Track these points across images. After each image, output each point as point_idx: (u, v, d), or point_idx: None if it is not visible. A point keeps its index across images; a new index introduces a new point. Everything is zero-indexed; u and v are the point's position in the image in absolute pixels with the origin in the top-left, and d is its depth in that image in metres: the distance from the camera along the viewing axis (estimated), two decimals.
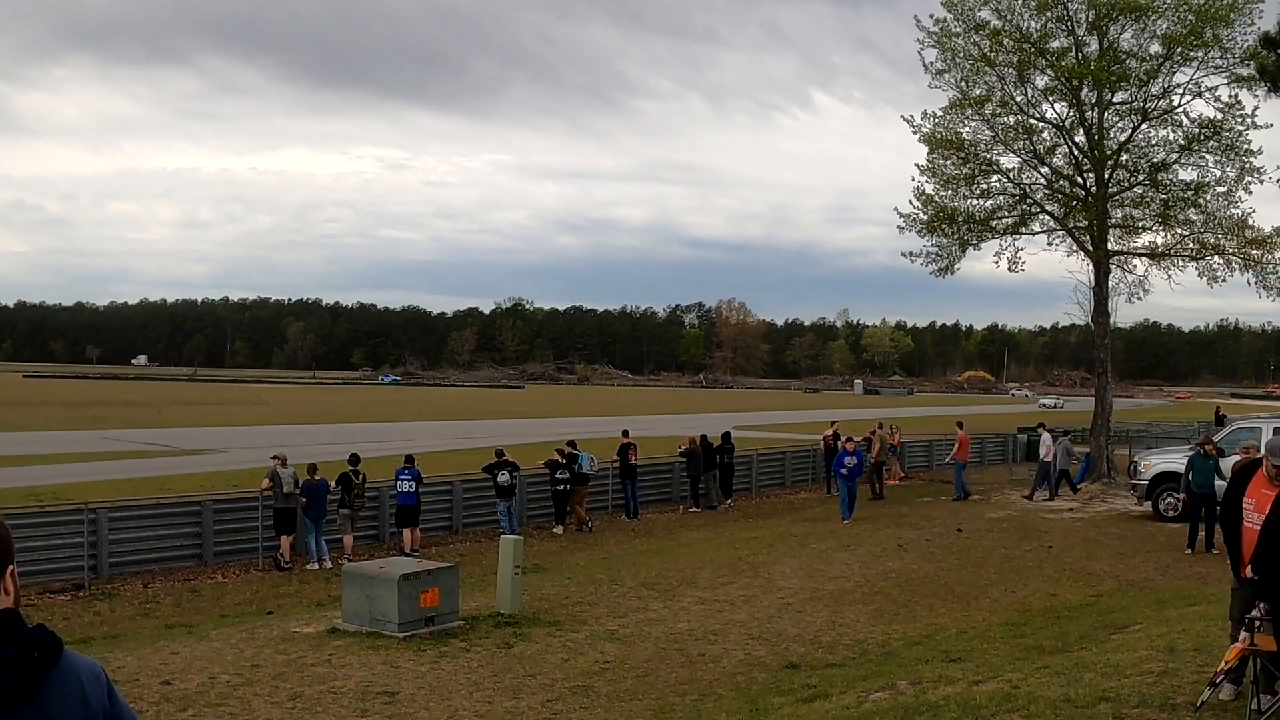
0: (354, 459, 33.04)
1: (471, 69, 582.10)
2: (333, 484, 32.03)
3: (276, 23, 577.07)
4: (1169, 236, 47.77)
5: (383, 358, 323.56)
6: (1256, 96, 43.24)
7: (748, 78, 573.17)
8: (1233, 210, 46.05)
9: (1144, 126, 46.64)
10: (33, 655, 3.71)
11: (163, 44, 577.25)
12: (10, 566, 3.85)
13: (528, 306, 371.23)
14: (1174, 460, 36.93)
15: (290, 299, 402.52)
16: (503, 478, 35.25)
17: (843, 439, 40.78)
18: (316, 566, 30.84)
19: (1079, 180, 47.94)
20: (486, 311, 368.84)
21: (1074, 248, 48.25)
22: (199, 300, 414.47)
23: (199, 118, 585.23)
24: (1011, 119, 47.61)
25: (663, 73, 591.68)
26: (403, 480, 33.28)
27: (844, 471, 37.52)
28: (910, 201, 49.14)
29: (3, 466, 51.06)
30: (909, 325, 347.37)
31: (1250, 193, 45.66)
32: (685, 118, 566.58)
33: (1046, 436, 44.89)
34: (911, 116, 48.20)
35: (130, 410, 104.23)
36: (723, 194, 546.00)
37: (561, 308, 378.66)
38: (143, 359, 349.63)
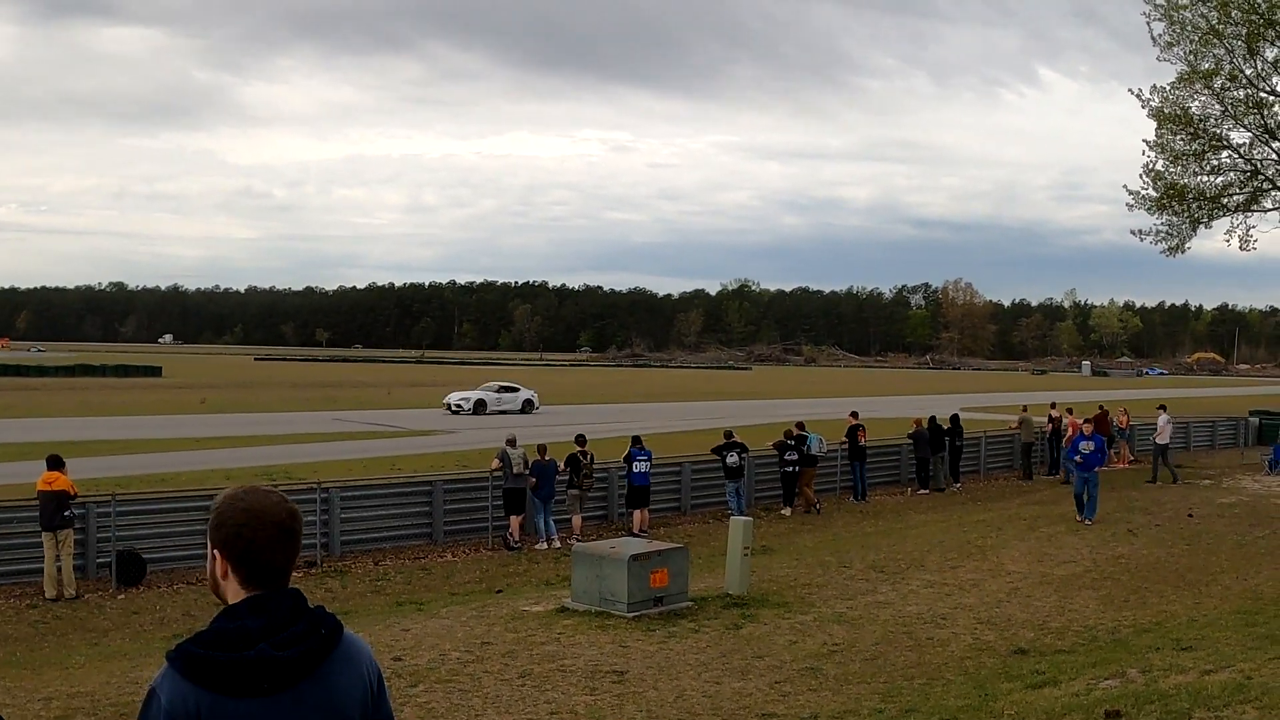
0: (581, 439, 33.32)
1: (694, 50, 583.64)
2: (561, 464, 32.35)
3: (497, 7, 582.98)
4: None
5: (609, 339, 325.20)
6: None
7: (972, 53, 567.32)
8: None
9: None
10: (319, 632, 3.93)
11: (385, 31, 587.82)
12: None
13: (754, 288, 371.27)
14: None
15: (516, 282, 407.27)
16: (731, 459, 35.33)
17: (1077, 419, 39.76)
18: (545, 546, 31.17)
19: None
20: (713, 293, 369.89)
21: None
22: (426, 284, 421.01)
23: (423, 103, 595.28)
24: (1241, 93, 46.52)
25: (886, 50, 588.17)
26: (638, 461, 33.47)
27: (1078, 459, 32.76)
28: (1139, 178, 48.32)
29: (237, 446, 52.34)
30: (1137, 305, 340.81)
31: None
32: (910, 95, 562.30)
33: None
34: (1140, 90, 47.33)
35: (360, 391, 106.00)
36: (948, 172, 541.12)
37: (788, 289, 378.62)
38: (168, 338, 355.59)
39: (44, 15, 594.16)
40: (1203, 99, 46.84)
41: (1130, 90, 47.02)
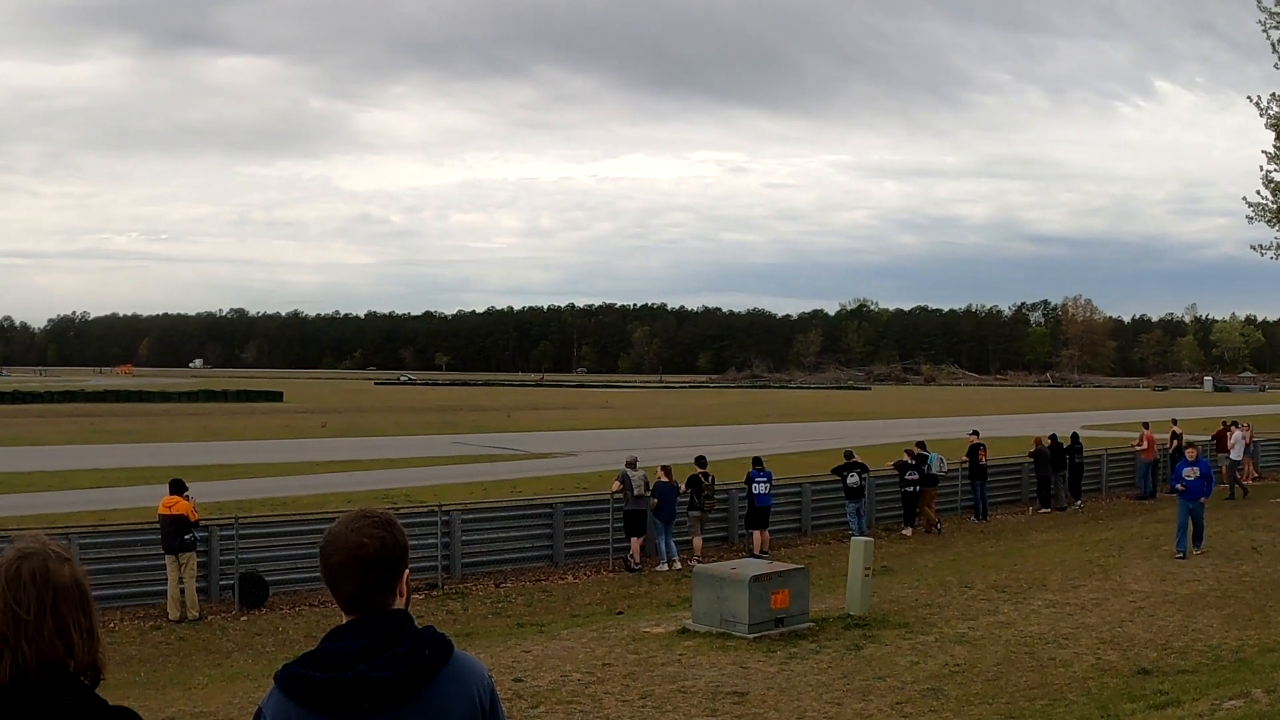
0: (701, 461, 33.40)
1: (806, 69, 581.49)
2: (682, 486, 32.42)
3: (608, 31, 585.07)
4: None
5: (729, 361, 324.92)
6: None
7: (1086, 67, 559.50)
8: None
9: None
10: (424, 653, 3.96)
11: (497, 56, 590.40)
12: (405, 570, 4.12)
13: (872, 307, 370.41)
14: None
15: (634, 304, 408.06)
16: (852, 479, 35.31)
17: (1184, 441, 38.92)
18: (666, 568, 31.26)
19: None
20: (831, 313, 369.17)
21: None
22: (545, 307, 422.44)
23: (536, 128, 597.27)
24: None
25: (999, 65, 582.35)
26: (758, 482, 33.44)
27: (1180, 487, 29.43)
28: (1258, 191, 47.72)
29: (359, 470, 52.82)
30: (1259, 319, 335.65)
31: None
32: (1024, 110, 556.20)
33: None
34: (1259, 98, 46.75)
35: (480, 415, 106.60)
36: (1065, 188, 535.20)
37: (906, 308, 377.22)
38: (198, 362, 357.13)
39: (159, 47, 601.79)
40: None
41: (1249, 98, 46.05)
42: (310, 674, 3.87)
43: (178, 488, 26.51)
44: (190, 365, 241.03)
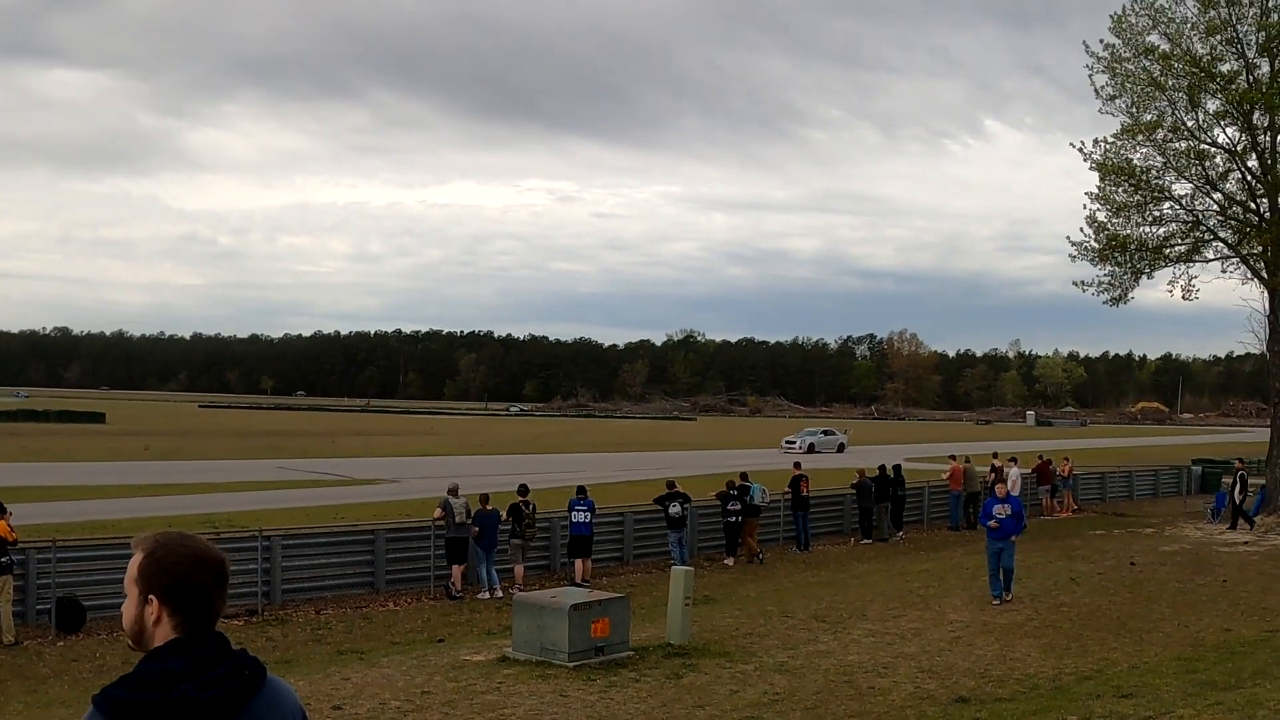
0: (523, 489, 33.31)
1: (640, 100, 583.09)
2: (504, 514, 32.31)
3: (444, 56, 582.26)
4: None
5: (555, 389, 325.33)
6: None
7: (918, 105, 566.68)
8: None
9: None
10: (244, 673, 3.94)
11: (331, 78, 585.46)
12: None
13: (699, 338, 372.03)
14: None
15: (462, 331, 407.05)
16: (674, 509, 35.34)
17: (993, 474, 39.18)
18: (487, 595, 31.12)
19: (1253, 206, 47.25)
20: (658, 343, 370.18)
21: (1249, 275, 47.58)
22: (372, 332, 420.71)
23: (368, 151, 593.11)
24: (1183, 144, 47.03)
25: (833, 101, 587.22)
26: (578, 510, 33.44)
27: (993, 524, 27.85)
28: (1081, 229, 48.75)
29: (180, 494, 52.17)
30: (1081, 355, 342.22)
31: None
32: (856, 146, 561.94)
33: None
34: (1082, 144, 47.82)
35: (304, 440, 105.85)
36: (894, 223, 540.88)
37: (733, 339, 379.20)
38: (23, 393, 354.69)
39: None
40: (1145, 150, 47.38)
41: (1073, 144, 47.24)
42: (134, 696, 3.81)
43: None
44: (17, 396, 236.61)
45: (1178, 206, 48.15)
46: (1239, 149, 46.65)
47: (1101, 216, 48.30)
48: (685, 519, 35.80)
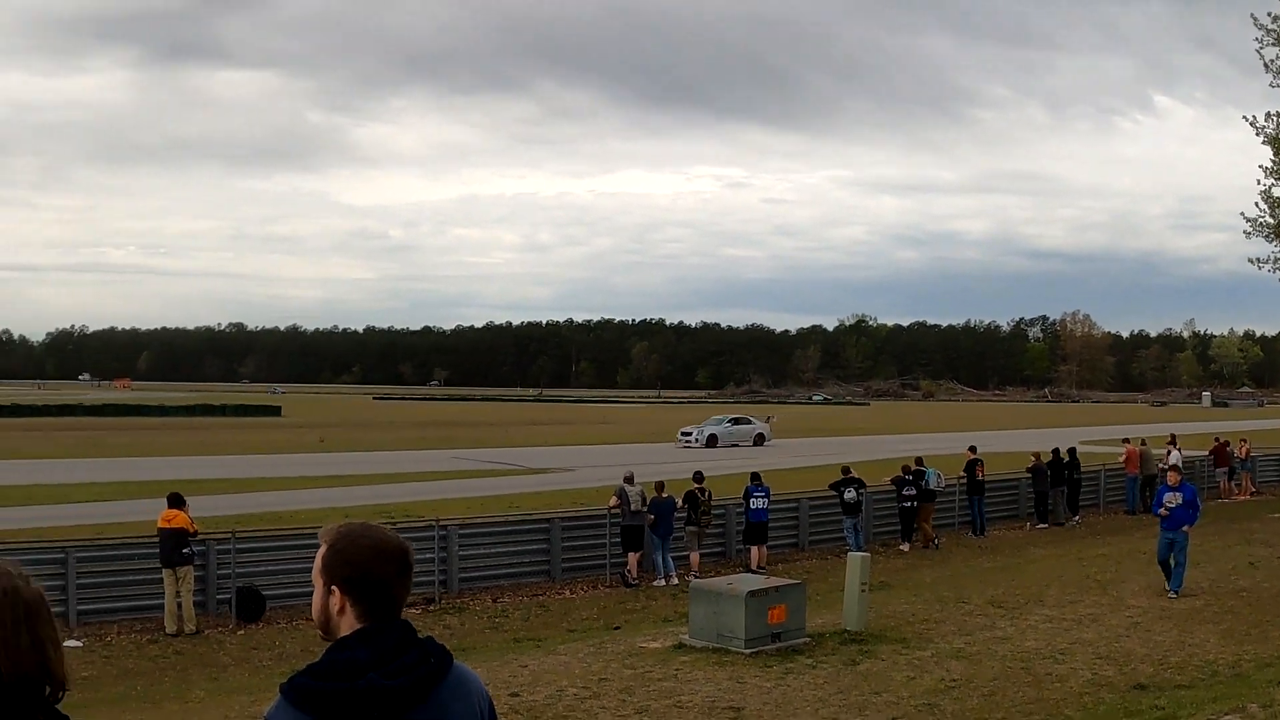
0: (699, 476, 33.44)
1: (806, 85, 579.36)
2: (679, 501, 32.43)
3: (608, 45, 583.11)
4: None
5: (727, 376, 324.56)
6: None
7: (1086, 82, 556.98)
8: None
9: None
10: (429, 661, 4.01)
11: (496, 71, 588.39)
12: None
13: (870, 323, 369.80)
14: None
15: (633, 319, 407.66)
16: (849, 494, 35.31)
17: (1168, 460, 38.17)
18: (663, 583, 31.25)
19: None
20: (830, 328, 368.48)
21: None
22: (543, 322, 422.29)
23: (535, 142, 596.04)
24: None
25: (999, 80, 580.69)
26: (756, 497, 33.55)
27: (1163, 512, 26.18)
28: (1256, 205, 47.79)
29: (355, 485, 52.82)
30: (1258, 334, 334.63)
31: None
32: (1023, 126, 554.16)
33: None
34: (1254, 117, 46.79)
35: (478, 430, 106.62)
36: (1063, 203, 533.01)
37: (904, 323, 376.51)
38: (85, 376, 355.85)
39: (158, 60, 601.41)
40: None
41: (1245, 118, 46.00)
42: (322, 685, 3.88)
43: (176, 501, 26.48)
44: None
45: None
46: None
47: (1277, 192, 47.38)
48: (860, 504, 35.77)
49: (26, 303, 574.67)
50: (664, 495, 32.11)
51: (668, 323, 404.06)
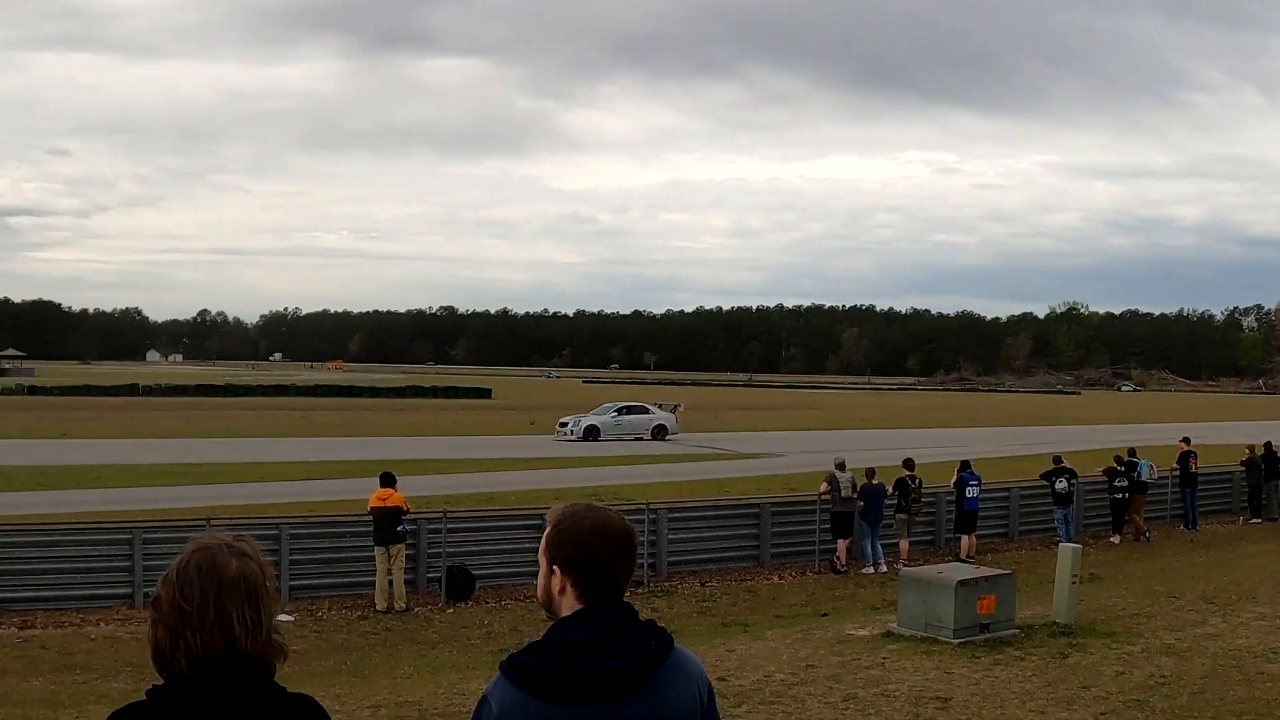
0: (909, 463, 33.43)
1: (1015, 68, 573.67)
2: (890, 488, 32.47)
3: (817, 30, 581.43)
4: None
5: (936, 363, 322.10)
6: None
7: None
8: None
9: None
10: (650, 643, 4.09)
11: (704, 56, 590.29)
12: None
13: (1082, 310, 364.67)
14: None
15: (843, 305, 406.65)
16: (1061, 485, 35.06)
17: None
18: (871, 570, 31.35)
19: None
20: (1040, 316, 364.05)
21: None
22: (754, 307, 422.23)
23: (744, 127, 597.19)
24: None
25: (1212, 63, 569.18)
26: (971, 485, 33.58)
27: None
28: None
29: (564, 468, 53.52)
30: None
31: None
32: (1238, 109, 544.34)
33: None
34: None
35: (687, 414, 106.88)
36: (1278, 189, 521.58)
37: (1116, 311, 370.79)
38: (278, 356, 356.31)
39: (368, 48, 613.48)
40: None
41: None
42: (541, 662, 3.97)
43: (388, 481, 27.13)
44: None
45: None
46: None
47: None
48: (1072, 495, 35.48)
49: (241, 286, 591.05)
50: (874, 482, 32.20)
51: (878, 309, 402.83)
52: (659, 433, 76.33)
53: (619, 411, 79.59)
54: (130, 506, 35.41)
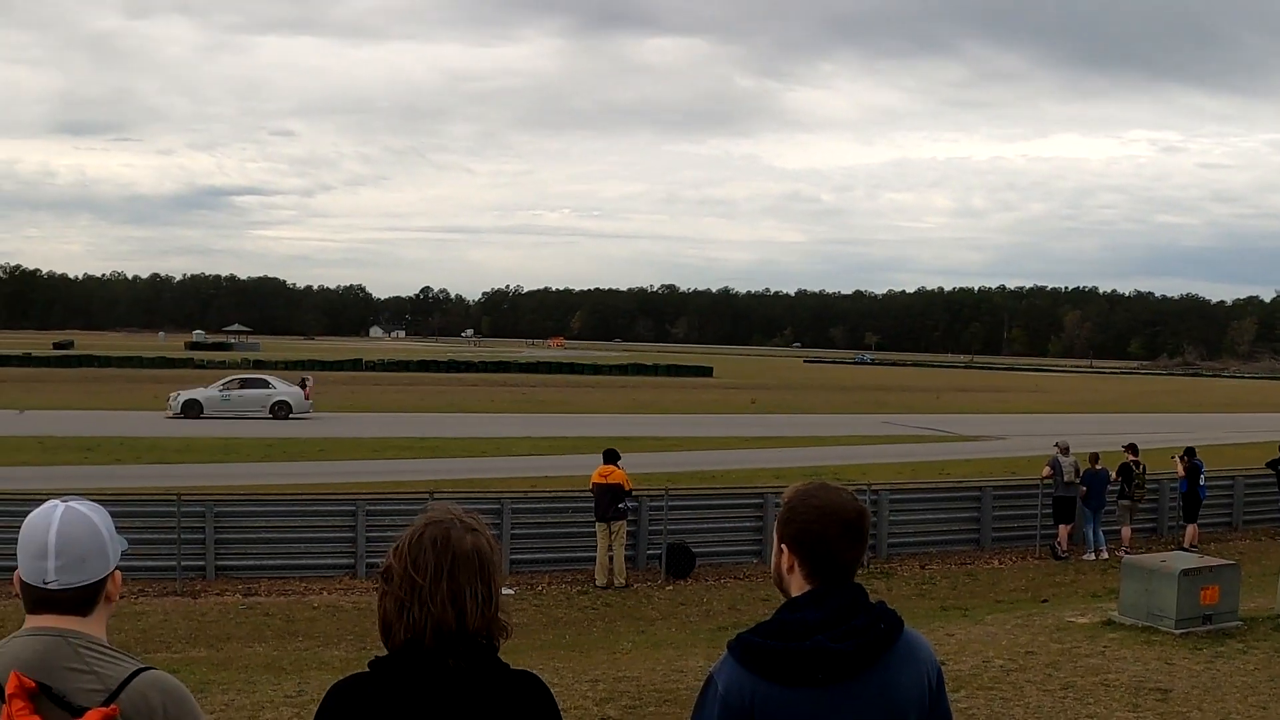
0: (1133, 449, 32.98)
1: (1242, 44, 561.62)
2: (1113, 474, 32.08)
3: (1038, 6, 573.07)
4: None
5: (1160, 347, 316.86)
6: None
7: None
8: None
9: None
10: (879, 626, 4.06)
11: (925, 34, 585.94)
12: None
13: None
14: None
15: (1066, 287, 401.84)
16: None
17: None
18: (1093, 557, 31.01)
19: None
20: (1267, 299, 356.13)
21: None
22: (975, 288, 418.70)
23: (966, 106, 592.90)
24: None
25: None
26: (1201, 473, 33.01)
27: None
28: None
29: (785, 447, 53.52)
30: None
31: None
32: None
33: None
34: None
35: (909, 395, 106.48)
36: None
37: None
38: (469, 332, 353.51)
39: (588, 28, 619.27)
40: None
41: None
42: (768, 643, 3.97)
43: (612, 457, 27.41)
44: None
45: None
46: None
47: None
48: None
49: (464, 263, 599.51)
50: (1098, 467, 31.82)
51: (1100, 291, 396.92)
52: (280, 410, 67.30)
53: (228, 385, 70.40)
54: (354, 479, 36.19)
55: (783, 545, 4.20)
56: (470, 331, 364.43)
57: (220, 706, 14.31)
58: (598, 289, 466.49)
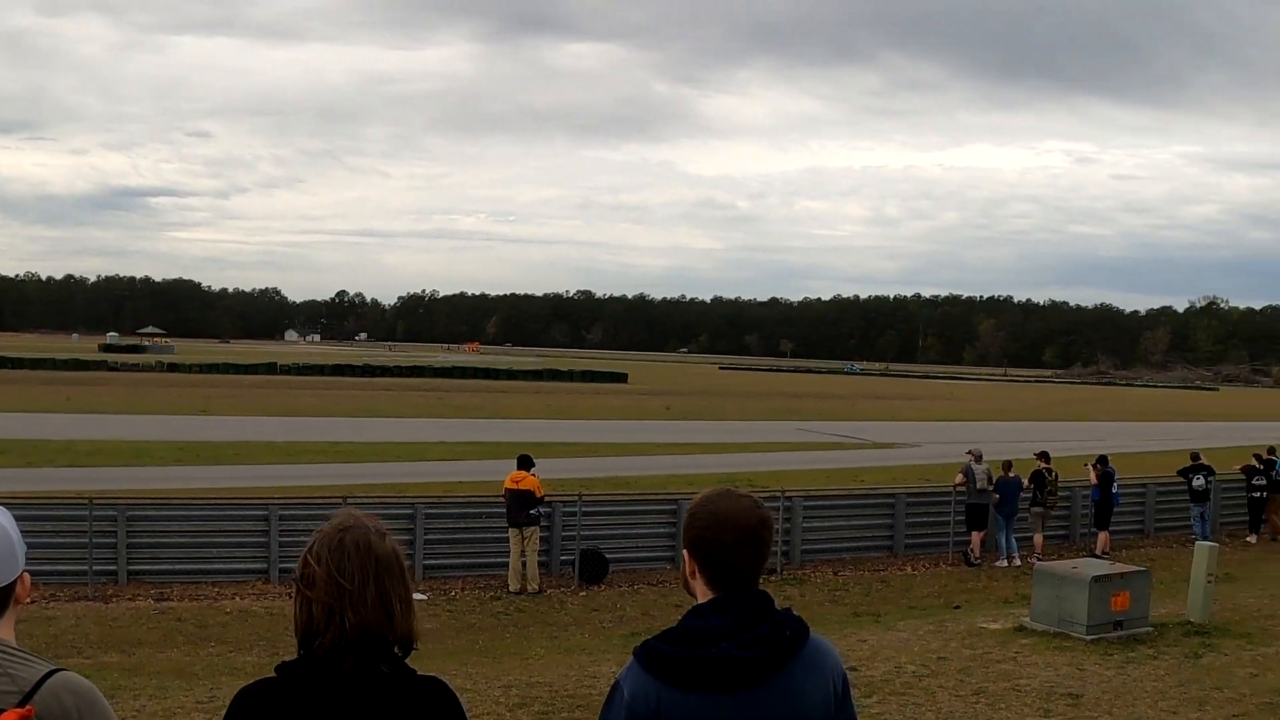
0: (1044, 456, 33.22)
1: (1157, 57, 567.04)
2: (1026, 481, 32.31)
3: (955, 16, 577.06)
4: None
5: (1074, 356, 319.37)
6: None
7: None
8: None
9: None
10: (785, 633, 4.05)
11: (842, 42, 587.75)
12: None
13: (1222, 305, 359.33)
14: None
15: (981, 296, 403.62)
16: (1198, 482, 34.69)
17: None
18: (1005, 563, 31.20)
19: None
20: (1179, 310, 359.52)
21: None
22: (891, 296, 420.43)
23: (882, 114, 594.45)
24: None
25: None
26: (1115, 481, 33.37)
27: None
28: None
29: (699, 453, 53.75)
30: None
31: None
32: None
33: None
34: None
35: (822, 403, 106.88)
36: None
37: (1257, 306, 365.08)
38: (363, 336, 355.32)
39: (505, 33, 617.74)
40: None
41: None
42: (674, 650, 3.98)
43: (525, 463, 27.38)
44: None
45: None
46: None
47: None
48: (1209, 492, 35.08)
49: (380, 267, 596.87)
50: (1011, 474, 32.07)
51: (1015, 300, 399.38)
52: None
53: None
54: (267, 483, 36.01)
55: (685, 550, 4.21)
56: (363, 335, 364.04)
57: (132, 712, 14.22)
58: (513, 294, 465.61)
